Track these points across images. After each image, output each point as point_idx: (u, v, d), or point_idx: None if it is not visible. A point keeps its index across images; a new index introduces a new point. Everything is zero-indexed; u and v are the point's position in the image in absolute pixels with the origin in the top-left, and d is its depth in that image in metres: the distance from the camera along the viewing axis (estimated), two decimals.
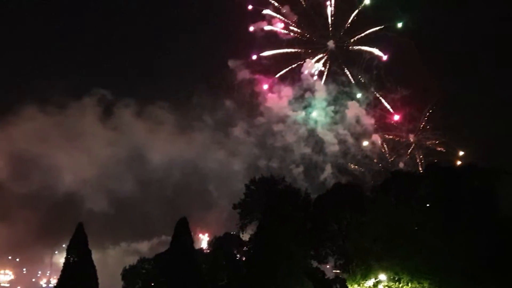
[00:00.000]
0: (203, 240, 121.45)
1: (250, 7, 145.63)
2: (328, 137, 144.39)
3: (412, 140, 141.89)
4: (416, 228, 73.39)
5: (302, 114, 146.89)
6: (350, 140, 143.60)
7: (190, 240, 78.35)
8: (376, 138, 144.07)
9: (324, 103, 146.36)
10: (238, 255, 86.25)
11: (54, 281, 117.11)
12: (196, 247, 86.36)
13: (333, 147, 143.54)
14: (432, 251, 68.08)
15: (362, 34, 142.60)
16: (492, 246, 65.22)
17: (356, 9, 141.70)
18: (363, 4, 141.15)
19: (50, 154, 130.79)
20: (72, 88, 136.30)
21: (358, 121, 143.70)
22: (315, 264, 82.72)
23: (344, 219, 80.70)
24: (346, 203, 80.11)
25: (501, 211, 72.71)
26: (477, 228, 67.28)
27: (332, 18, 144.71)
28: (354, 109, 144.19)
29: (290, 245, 74.70)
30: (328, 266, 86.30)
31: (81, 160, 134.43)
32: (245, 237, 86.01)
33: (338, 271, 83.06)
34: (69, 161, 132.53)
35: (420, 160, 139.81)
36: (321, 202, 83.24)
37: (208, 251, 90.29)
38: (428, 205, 75.66)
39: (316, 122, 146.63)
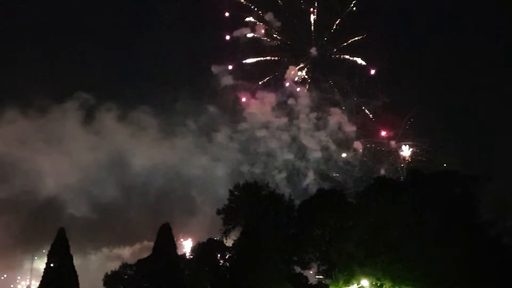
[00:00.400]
0: (186, 246, 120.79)
1: (227, 14, 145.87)
2: (311, 143, 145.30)
3: (393, 147, 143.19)
4: (398, 234, 74.07)
5: (285, 120, 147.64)
6: (332, 146, 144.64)
7: (172, 246, 78.18)
8: (358, 144, 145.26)
9: (307, 110, 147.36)
10: (221, 261, 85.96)
11: (33, 287, 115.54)
12: (179, 252, 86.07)
13: (315, 153, 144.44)
14: (414, 257, 68.67)
15: (345, 44, 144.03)
16: (473, 251, 66.09)
17: (339, 18, 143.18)
18: (345, 12, 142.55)
19: (31, 158, 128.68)
20: (54, 92, 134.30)
21: (340, 127, 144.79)
22: (298, 269, 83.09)
23: (327, 225, 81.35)
24: (329, 209, 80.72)
25: (482, 217, 73.78)
26: (458, 233, 68.09)
27: (315, 26, 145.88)
28: (336, 116, 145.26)
29: (273, 250, 74.95)
30: (311, 272, 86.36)
31: (63, 165, 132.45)
32: (229, 242, 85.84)
33: (321, 276, 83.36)
34: (50, 165, 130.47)
35: (402, 167, 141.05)
36: (305, 208, 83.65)
37: (191, 256, 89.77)
38: (409, 211, 76.36)
39: (298, 128, 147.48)
